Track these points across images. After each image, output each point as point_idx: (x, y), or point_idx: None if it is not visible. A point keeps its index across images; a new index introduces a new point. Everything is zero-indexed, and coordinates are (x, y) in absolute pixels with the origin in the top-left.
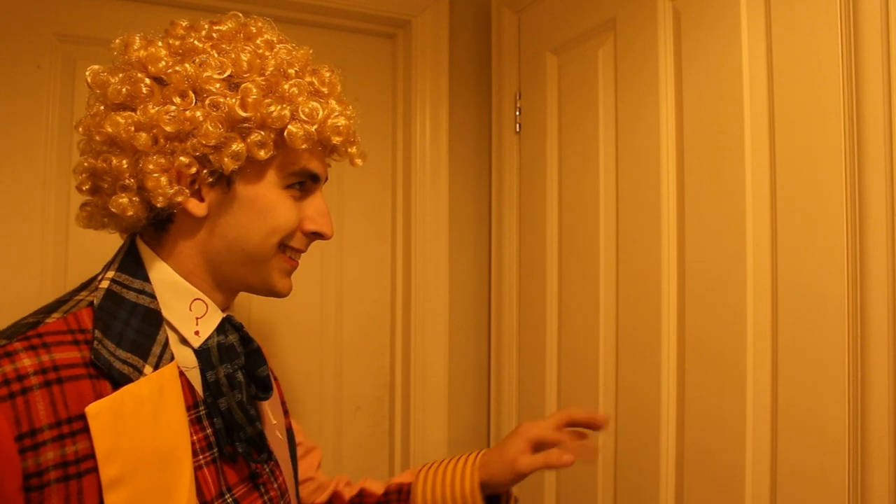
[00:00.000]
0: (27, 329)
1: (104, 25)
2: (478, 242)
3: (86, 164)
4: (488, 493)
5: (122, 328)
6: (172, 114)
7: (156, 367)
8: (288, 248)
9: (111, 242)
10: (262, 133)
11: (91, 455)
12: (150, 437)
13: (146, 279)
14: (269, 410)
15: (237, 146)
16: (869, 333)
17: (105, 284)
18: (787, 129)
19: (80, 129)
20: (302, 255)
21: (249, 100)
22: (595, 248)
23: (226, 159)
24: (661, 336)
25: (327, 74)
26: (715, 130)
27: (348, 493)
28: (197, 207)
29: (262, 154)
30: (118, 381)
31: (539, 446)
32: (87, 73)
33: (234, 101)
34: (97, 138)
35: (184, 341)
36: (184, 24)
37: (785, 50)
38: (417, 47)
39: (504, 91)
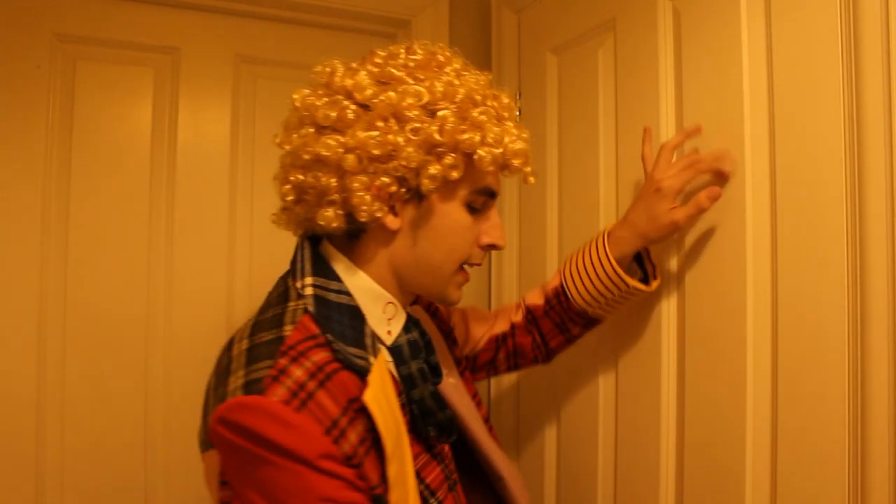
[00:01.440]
0: (276, 346)
1: (104, 25)
2: None
3: (292, 178)
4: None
5: (341, 328)
6: (377, 138)
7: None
8: (466, 262)
9: (110, 245)
10: (455, 156)
11: (366, 434)
12: (390, 416)
13: (340, 281)
14: (445, 369)
15: (435, 169)
16: (869, 333)
17: (311, 291)
18: (786, 128)
19: (287, 147)
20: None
21: (447, 127)
22: None
23: (425, 180)
24: (661, 337)
25: (506, 100)
26: (714, 131)
27: (520, 317)
28: (393, 222)
29: (455, 175)
30: (360, 372)
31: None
32: (296, 97)
33: (433, 127)
34: (305, 157)
35: (378, 340)
36: (382, 54)
37: (785, 50)
38: None
39: (504, 90)
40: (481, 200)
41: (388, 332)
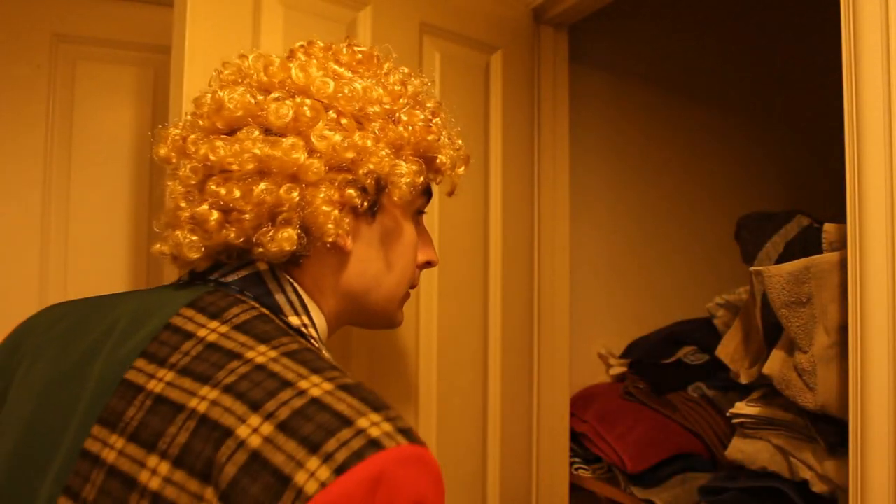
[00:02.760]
0: (369, 393)
1: (104, 25)
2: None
3: (221, 194)
4: None
5: None
6: (346, 141)
7: None
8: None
9: (111, 245)
10: (420, 160)
11: None
12: None
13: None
14: None
15: (406, 174)
16: (869, 334)
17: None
18: None
19: (212, 157)
20: None
21: (416, 126)
22: None
23: (399, 188)
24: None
25: (440, 104)
26: None
27: None
28: (348, 242)
29: (421, 181)
30: None
31: None
32: (224, 96)
33: (399, 127)
34: (249, 166)
35: None
36: (321, 46)
37: None
38: None
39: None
40: (424, 209)
41: None
